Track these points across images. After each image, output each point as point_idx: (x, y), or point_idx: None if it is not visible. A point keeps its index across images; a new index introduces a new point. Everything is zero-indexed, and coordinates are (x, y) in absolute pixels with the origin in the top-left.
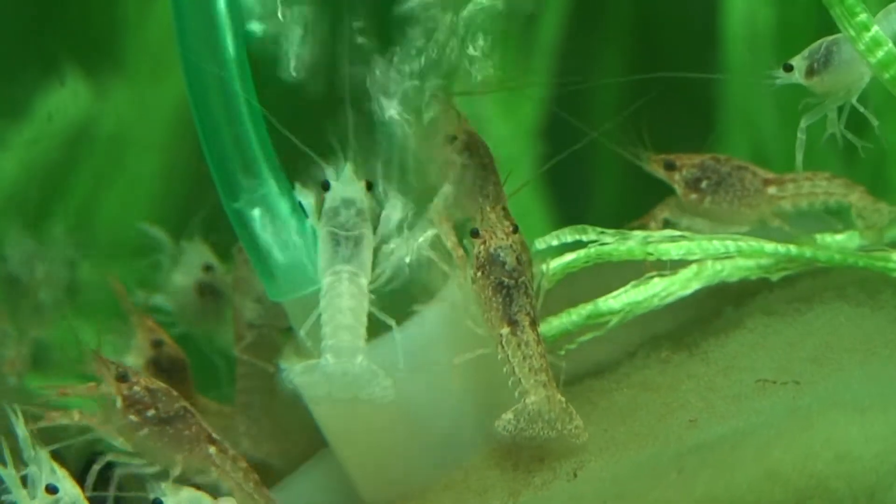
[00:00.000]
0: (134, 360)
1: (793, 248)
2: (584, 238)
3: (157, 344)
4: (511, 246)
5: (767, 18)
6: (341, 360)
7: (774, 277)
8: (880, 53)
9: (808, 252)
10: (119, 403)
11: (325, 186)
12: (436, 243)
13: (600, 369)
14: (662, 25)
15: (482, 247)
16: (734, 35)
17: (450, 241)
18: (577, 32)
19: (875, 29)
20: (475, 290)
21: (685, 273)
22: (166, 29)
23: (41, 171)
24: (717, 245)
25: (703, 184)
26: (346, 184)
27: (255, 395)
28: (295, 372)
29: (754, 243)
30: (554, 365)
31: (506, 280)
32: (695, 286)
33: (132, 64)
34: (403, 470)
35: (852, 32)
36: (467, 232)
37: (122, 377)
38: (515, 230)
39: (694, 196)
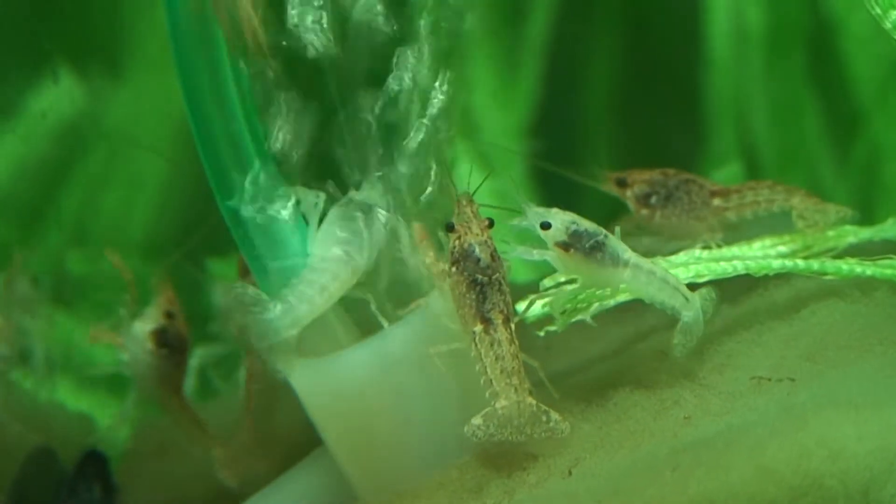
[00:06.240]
0: (142, 324)
1: (800, 263)
2: None
3: (170, 315)
4: (486, 241)
5: (756, 14)
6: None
7: (757, 274)
8: None
9: (815, 265)
10: None
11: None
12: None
13: (594, 366)
14: (651, 20)
15: (457, 242)
16: (721, 31)
17: (428, 257)
18: (567, 29)
19: None
20: (450, 285)
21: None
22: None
23: (34, 169)
24: (724, 266)
25: (653, 199)
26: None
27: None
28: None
29: (762, 261)
30: (527, 364)
31: (479, 277)
32: None
33: (132, 63)
34: (399, 468)
35: (878, 10)
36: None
37: None
38: (491, 224)
39: (645, 212)
